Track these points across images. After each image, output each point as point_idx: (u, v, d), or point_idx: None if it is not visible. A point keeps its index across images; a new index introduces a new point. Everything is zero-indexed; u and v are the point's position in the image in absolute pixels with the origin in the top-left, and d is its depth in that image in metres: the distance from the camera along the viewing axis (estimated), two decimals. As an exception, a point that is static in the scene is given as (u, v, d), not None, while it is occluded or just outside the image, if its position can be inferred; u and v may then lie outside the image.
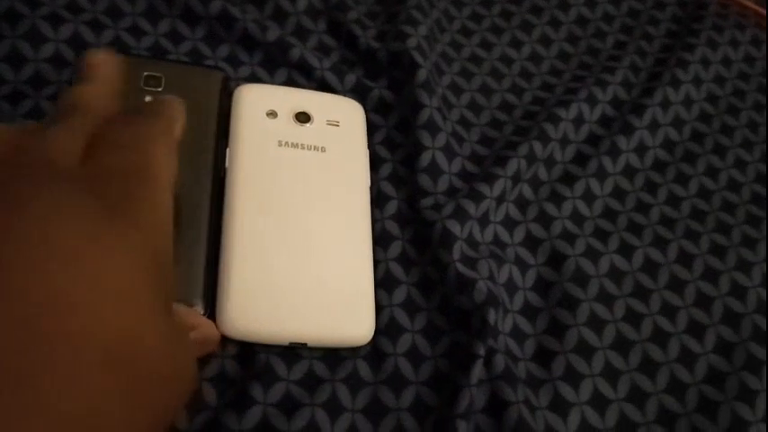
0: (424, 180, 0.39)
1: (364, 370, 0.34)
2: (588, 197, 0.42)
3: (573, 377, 0.35)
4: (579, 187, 0.42)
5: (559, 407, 0.34)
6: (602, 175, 0.42)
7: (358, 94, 0.42)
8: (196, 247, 0.34)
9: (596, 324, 0.37)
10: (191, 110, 0.37)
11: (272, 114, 0.38)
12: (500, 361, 0.34)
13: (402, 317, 0.35)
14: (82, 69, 0.28)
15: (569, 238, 0.40)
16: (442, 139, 0.40)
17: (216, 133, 0.37)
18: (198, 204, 0.35)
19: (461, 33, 0.48)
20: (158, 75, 0.37)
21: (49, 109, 0.37)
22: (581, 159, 0.43)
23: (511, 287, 0.37)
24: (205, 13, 0.41)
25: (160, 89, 0.37)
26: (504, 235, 0.39)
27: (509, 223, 0.40)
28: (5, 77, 0.37)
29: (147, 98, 0.37)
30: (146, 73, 0.37)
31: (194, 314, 0.31)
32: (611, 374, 0.36)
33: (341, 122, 0.39)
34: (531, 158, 0.41)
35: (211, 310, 0.33)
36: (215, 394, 0.32)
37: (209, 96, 0.38)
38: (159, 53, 0.40)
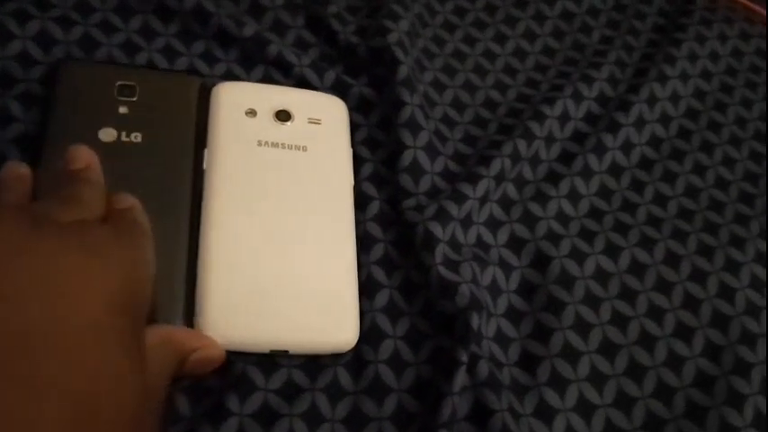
0: (406, 180, 0.38)
1: (345, 378, 0.33)
2: (574, 196, 0.41)
3: (558, 383, 0.34)
4: (564, 186, 0.41)
5: (544, 414, 0.34)
6: (587, 173, 0.42)
7: (338, 91, 0.41)
8: (176, 261, 0.32)
9: (582, 328, 0.36)
10: (167, 120, 0.36)
11: (252, 113, 0.37)
12: (484, 367, 0.33)
13: (384, 322, 0.34)
14: (74, 161, 0.30)
15: (554, 238, 0.39)
16: (424, 138, 0.39)
17: (194, 142, 0.36)
18: (177, 216, 0.34)
19: (444, 28, 0.47)
20: (132, 84, 0.36)
21: (15, 110, 0.35)
22: (566, 158, 0.42)
23: (495, 290, 0.37)
24: (179, 7, 0.40)
25: (134, 99, 0.36)
26: (488, 236, 0.38)
27: (493, 224, 0.39)
28: (-31, 76, 0.35)
29: (122, 109, 0.35)
30: (119, 82, 0.36)
31: (197, 336, 0.31)
32: (597, 379, 0.35)
33: (323, 120, 0.38)
34: (515, 157, 0.40)
35: (190, 318, 0.32)
36: (188, 404, 0.31)
37: (186, 104, 0.37)
38: (131, 50, 0.39)
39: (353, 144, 0.39)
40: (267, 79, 0.40)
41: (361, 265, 0.35)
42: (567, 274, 0.38)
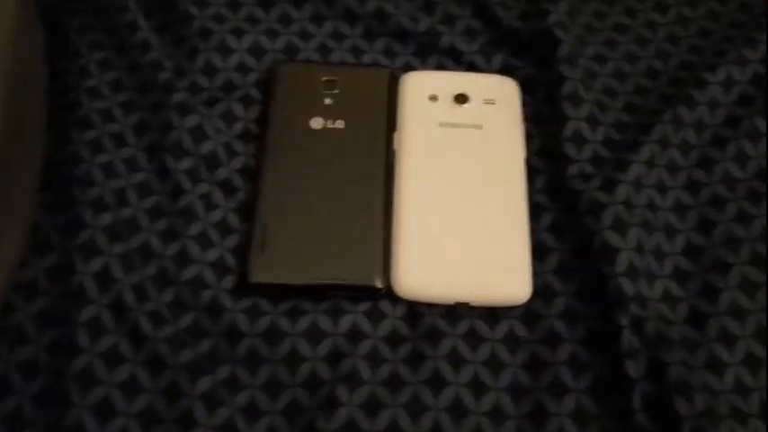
0: (570, 149, 0.41)
1: (521, 330, 0.37)
2: (741, 159, 0.41)
3: (727, 339, 0.36)
4: (730, 149, 0.42)
5: (715, 367, 0.36)
6: (755, 136, 0.42)
7: (505, 73, 0.45)
8: (374, 226, 0.39)
9: (748, 288, 0.38)
10: (364, 107, 0.42)
11: (434, 98, 0.43)
12: (652, 327, 0.36)
13: (555, 281, 0.38)
14: None
15: (719, 203, 0.40)
16: (585, 110, 0.42)
17: (386, 123, 0.42)
18: (374, 189, 0.40)
19: (605, 2, 0.49)
20: (335, 78, 0.43)
21: (237, 110, 0.43)
22: (732, 121, 0.43)
23: (660, 253, 0.39)
24: (362, 11, 0.46)
25: (337, 91, 0.42)
26: (658, 199, 0.40)
27: (660, 188, 0.41)
28: (202, 85, 0.43)
29: (327, 100, 0.42)
30: (324, 78, 0.43)
31: None
32: (762, 335, 0.37)
33: (496, 100, 0.43)
34: (678, 124, 0.42)
35: (387, 276, 0.38)
36: (389, 351, 0.37)
37: (379, 93, 0.43)
38: (324, 52, 0.45)
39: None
40: (440, 67, 0.45)
41: (532, 232, 0.40)
42: (733, 236, 0.39)
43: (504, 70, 0.45)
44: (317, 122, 0.42)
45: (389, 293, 0.38)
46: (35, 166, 0.39)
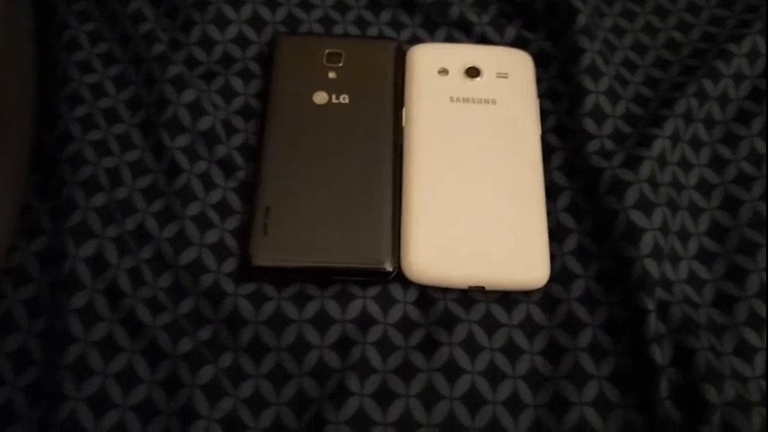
0: (589, 124, 0.39)
1: (538, 315, 0.35)
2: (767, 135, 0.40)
3: (756, 322, 0.35)
4: (756, 125, 0.40)
5: (744, 352, 0.34)
6: None
7: (518, 47, 0.42)
8: (383, 207, 0.37)
9: None
10: (369, 81, 0.40)
11: (444, 72, 0.40)
12: (677, 311, 0.34)
13: (574, 264, 0.36)
14: None
15: (745, 181, 0.38)
16: (605, 83, 0.40)
17: (393, 98, 0.40)
18: (382, 167, 0.38)
19: (621, -28, 0.47)
20: (339, 51, 0.40)
21: (236, 85, 0.41)
22: (758, 95, 0.41)
23: (684, 234, 0.37)
24: (367, -19, 0.43)
25: (341, 64, 0.40)
26: (682, 176, 0.38)
27: (684, 165, 0.39)
28: (199, 59, 0.41)
29: (331, 74, 0.40)
30: (327, 50, 0.40)
31: None
32: None
33: (510, 74, 0.40)
34: (702, 97, 0.40)
35: (396, 257, 0.36)
36: (402, 337, 0.35)
37: (385, 67, 0.40)
38: (328, 24, 0.43)
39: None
40: (450, 40, 0.43)
41: (549, 213, 0.38)
42: (760, 216, 0.37)
43: (517, 43, 0.43)
44: (320, 97, 0.39)
45: (400, 277, 0.36)
46: (25, 149, 0.36)
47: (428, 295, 0.36)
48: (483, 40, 0.43)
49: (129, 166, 0.37)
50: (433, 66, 0.41)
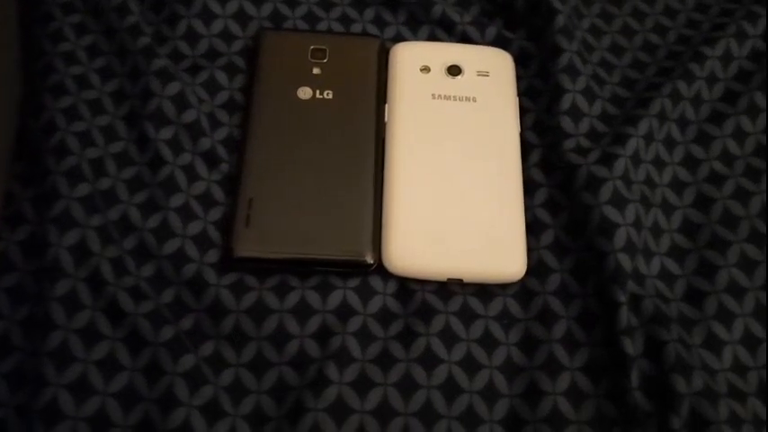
0: (566, 123, 0.40)
1: (515, 307, 0.36)
2: (739, 135, 0.41)
3: (725, 316, 0.36)
4: (729, 126, 0.41)
5: (713, 345, 0.35)
6: (754, 111, 0.41)
7: (499, 46, 0.43)
8: (364, 201, 0.37)
9: (748, 266, 0.37)
10: (353, 77, 0.40)
11: (426, 69, 0.41)
12: (649, 305, 0.35)
13: (550, 258, 0.37)
14: None
15: (717, 180, 0.39)
16: (582, 82, 0.41)
17: (376, 94, 0.40)
18: (364, 162, 0.38)
19: (600, -25, 0.47)
20: (323, 47, 0.41)
21: (221, 79, 0.41)
22: (731, 97, 0.42)
23: (657, 230, 0.38)
24: (351, -22, 0.44)
25: (325, 60, 0.41)
26: (655, 175, 0.39)
27: (658, 163, 0.40)
28: (184, 53, 0.42)
29: (315, 70, 0.40)
30: (312, 47, 0.41)
31: None
32: (761, 315, 0.36)
33: (490, 72, 0.41)
34: (676, 98, 0.41)
35: (377, 250, 0.36)
36: (381, 328, 0.35)
37: (369, 63, 0.41)
38: (312, 21, 0.43)
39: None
40: (432, 38, 0.44)
41: (526, 208, 0.38)
42: (731, 213, 0.38)
43: (498, 42, 0.44)
44: (304, 92, 0.40)
45: (380, 269, 0.36)
46: (8, 137, 0.36)
47: (407, 287, 0.36)
48: (465, 38, 0.44)
49: (113, 157, 0.38)
50: (416, 63, 0.41)
